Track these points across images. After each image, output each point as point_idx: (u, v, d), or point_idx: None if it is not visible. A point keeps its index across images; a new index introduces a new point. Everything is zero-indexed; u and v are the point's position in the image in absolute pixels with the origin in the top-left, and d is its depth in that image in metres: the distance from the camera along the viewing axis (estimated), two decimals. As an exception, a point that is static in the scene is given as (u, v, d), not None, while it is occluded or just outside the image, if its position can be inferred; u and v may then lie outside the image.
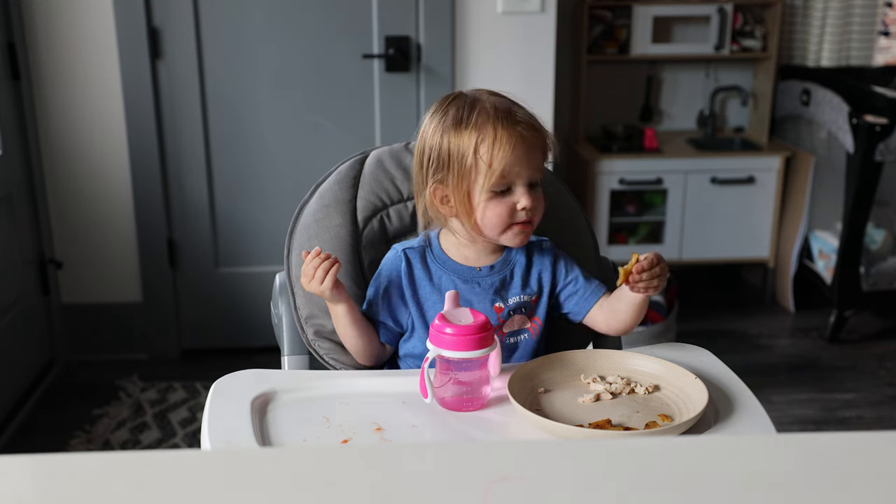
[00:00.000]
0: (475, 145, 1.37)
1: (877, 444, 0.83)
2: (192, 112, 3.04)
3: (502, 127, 1.37)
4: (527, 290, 1.48)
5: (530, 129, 1.39)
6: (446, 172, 1.40)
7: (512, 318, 1.47)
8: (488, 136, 1.37)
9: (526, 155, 1.38)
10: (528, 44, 3.04)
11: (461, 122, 1.39)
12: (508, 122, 1.37)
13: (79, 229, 3.11)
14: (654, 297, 3.25)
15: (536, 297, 1.48)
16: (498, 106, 1.39)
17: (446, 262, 1.47)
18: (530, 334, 1.48)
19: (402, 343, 1.51)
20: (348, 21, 3.00)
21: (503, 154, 1.36)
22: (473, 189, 1.39)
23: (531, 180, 1.40)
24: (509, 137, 1.36)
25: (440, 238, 1.50)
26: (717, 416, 1.27)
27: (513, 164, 1.37)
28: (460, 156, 1.38)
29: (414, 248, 1.48)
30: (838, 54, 3.71)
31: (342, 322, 1.46)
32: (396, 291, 1.47)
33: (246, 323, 3.24)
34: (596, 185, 3.60)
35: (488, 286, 1.46)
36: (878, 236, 3.51)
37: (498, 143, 1.36)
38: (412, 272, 1.47)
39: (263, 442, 1.22)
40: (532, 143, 1.39)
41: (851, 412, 2.93)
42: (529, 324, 1.48)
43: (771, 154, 3.68)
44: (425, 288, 1.46)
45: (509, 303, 1.47)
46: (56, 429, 2.77)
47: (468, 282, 1.46)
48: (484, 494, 0.73)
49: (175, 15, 2.94)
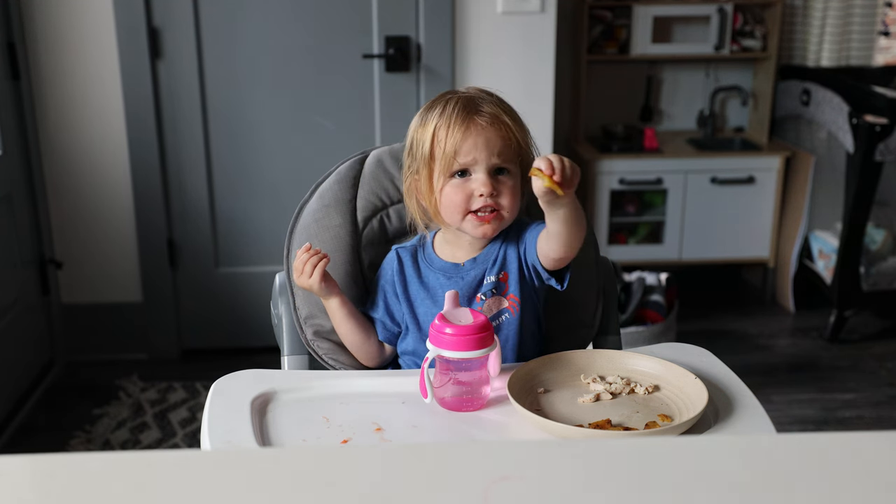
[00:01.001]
0: (433, 132, 1.42)
1: (877, 444, 0.83)
2: (192, 112, 3.04)
3: (458, 114, 1.41)
4: (493, 270, 1.47)
5: (492, 119, 1.41)
6: (414, 162, 1.46)
7: (489, 300, 1.47)
8: (444, 123, 1.41)
9: (482, 140, 1.40)
10: (528, 44, 3.04)
11: (428, 112, 1.44)
12: (467, 110, 1.41)
13: (79, 229, 3.11)
14: (654, 297, 3.26)
15: (506, 275, 1.48)
16: (464, 97, 1.44)
17: (434, 261, 1.50)
18: (510, 313, 1.47)
19: (399, 342, 1.53)
20: (348, 21, 3.00)
21: (455, 138, 1.40)
22: (433, 176, 1.43)
23: (491, 167, 1.41)
24: (463, 122, 1.40)
25: (435, 238, 1.52)
26: (717, 416, 1.27)
27: (468, 149, 1.40)
28: (422, 144, 1.43)
29: (406, 248, 1.53)
30: (838, 54, 3.71)
31: (337, 316, 1.50)
32: (391, 290, 1.51)
33: (246, 323, 3.24)
34: (596, 185, 3.60)
35: (471, 279, 1.47)
36: (878, 236, 3.51)
37: (451, 128, 1.40)
38: (403, 271, 1.51)
39: (263, 442, 1.22)
40: (492, 132, 1.41)
41: (851, 412, 2.93)
42: (506, 303, 1.48)
43: (771, 154, 3.68)
44: (414, 286, 1.50)
45: (482, 288, 1.47)
46: (56, 429, 2.77)
47: (451, 278, 1.48)
48: (484, 494, 0.73)
49: (175, 15, 2.95)
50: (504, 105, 1.46)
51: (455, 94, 1.46)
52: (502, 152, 1.42)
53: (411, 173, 1.47)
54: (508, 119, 1.43)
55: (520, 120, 1.46)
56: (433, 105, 1.45)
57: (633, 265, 3.62)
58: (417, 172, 1.46)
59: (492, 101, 1.44)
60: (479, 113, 1.41)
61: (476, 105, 1.42)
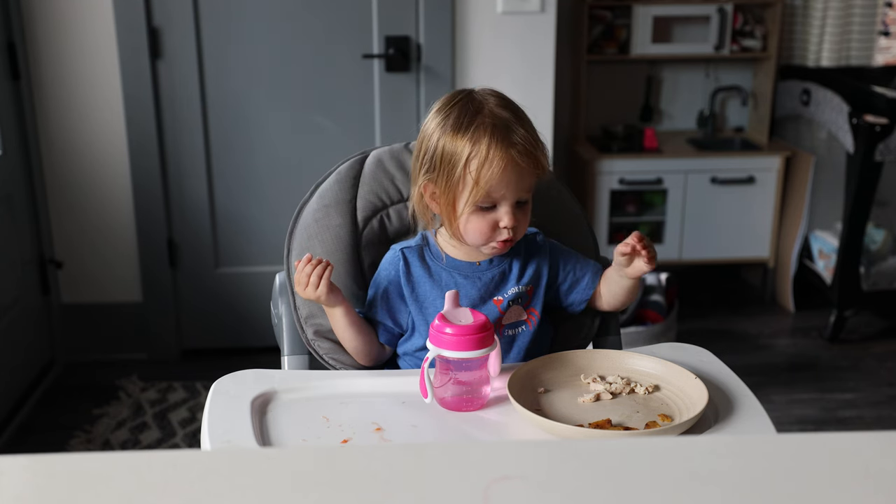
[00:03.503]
0: (466, 159, 1.36)
1: (877, 444, 0.83)
2: (192, 112, 3.04)
3: (496, 147, 1.35)
4: (522, 281, 1.48)
5: (525, 153, 1.37)
6: (436, 174, 1.40)
7: (510, 309, 1.47)
8: (480, 153, 1.36)
9: (516, 178, 1.37)
10: (528, 44, 3.04)
11: (458, 129, 1.38)
12: (504, 143, 1.36)
13: (79, 229, 3.11)
14: (654, 297, 3.26)
15: (532, 289, 1.49)
16: (497, 122, 1.37)
17: (445, 259, 1.48)
18: (528, 326, 1.49)
19: (402, 343, 1.52)
20: (348, 21, 3.00)
21: (491, 175, 1.36)
22: (459, 200, 1.39)
23: (517, 200, 1.40)
24: (500, 160, 1.35)
25: (437, 236, 1.50)
26: (717, 416, 1.27)
27: (500, 186, 1.37)
28: (451, 165, 1.38)
29: (412, 248, 1.49)
30: (838, 54, 3.71)
31: (340, 324, 1.46)
32: (395, 292, 1.48)
33: (246, 323, 3.24)
34: (596, 185, 3.60)
35: (488, 280, 1.47)
36: (878, 236, 3.51)
37: (488, 164, 1.35)
38: (410, 271, 1.47)
39: (263, 442, 1.22)
40: (524, 168, 1.37)
41: (851, 412, 2.93)
42: (526, 315, 1.49)
43: (771, 154, 3.68)
44: (425, 286, 1.47)
45: (508, 294, 1.47)
46: (56, 429, 2.77)
47: (468, 277, 1.46)
48: (484, 494, 0.73)
49: (175, 15, 2.95)
50: (529, 124, 1.41)
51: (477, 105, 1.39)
52: (530, 186, 1.41)
53: (427, 178, 1.42)
54: (539, 147, 1.40)
55: (538, 136, 1.42)
56: (461, 119, 1.38)
57: (633, 265, 3.62)
58: (435, 182, 1.41)
59: (519, 122, 1.39)
60: (513, 145, 1.36)
61: (510, 134, 1.37)
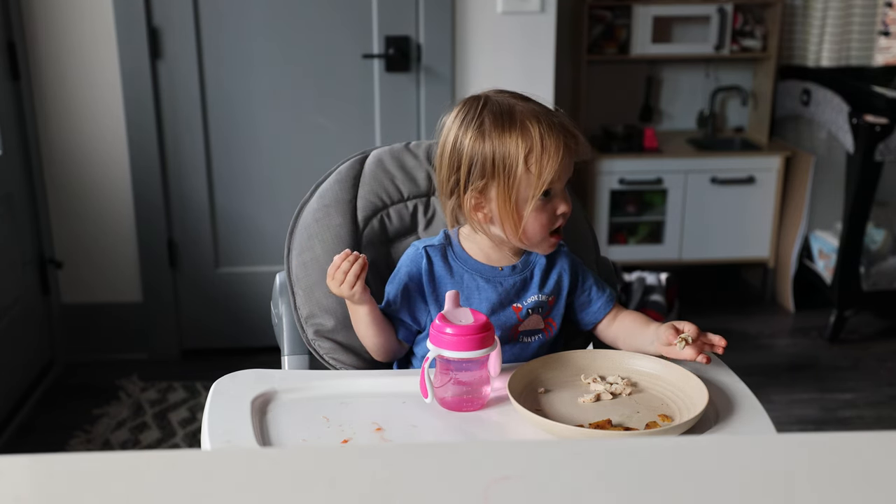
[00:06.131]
0: (525, 154, 1.36)
1: (877, 444, 0.83)
2: (192, 112, 3.04)
3: (547, 135, 1.36)
4: (544, 290, 1.47)
5: (570, 134, 1.39)
6: (490, 180, 1.39)
7: (529, 317, 1.47)
8: (536, 146, 1.36)
9: (568, 160, 1.39)
10: (528, 44, 3.04)
11: (503, 130, 1.37)
12: (551, 129, 1.37)
13: (79, 229, 3.11)
14: (654, 297, 3.26)
15: (553, 299, 1.48)
16: (535, 113, 1.38)
17: (468, 261, 1.46)
18: (544, 335, 1.48)
19: (418, 342, 1.50)
20: (348, 21, 3.00)
21: (552, 165, 1.36)
22: (521, 199, 1.38)
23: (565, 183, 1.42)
24: (555, 146, 1.36)
25: (460, 237, 1.49)
26: (717, 416, 1.27)
27: (560, 172, 1.38)
28: (508, 165, 1.37)
29: (435, 247, 1.47)
30: (838, 54, 3.70)
31: (363, 322, 1.44)
32: (416, 289, 1.46)
33: (246, 323, 3.24)
34: (596, 185, 3.60)
35: (510, 286, 1.46)
36: (878, 236, 3.51)
37: (546, 154, 1.36)
38: (433, 270, 1.45)
39: (263, 442, 1.22)
40: (572, 148, 1.39)
41: (851, 412, 2.93)
42: (544, 324, 1.48)
43: (771, 154, 3.68)
44: (446, 286, 1.44)
45: (528, 302, 1.46)
46: (56, 429, 2.77)
47: (490, 281, 1.45)
48: (484, 494, 0.73)
49: (175, 15, 2.95)
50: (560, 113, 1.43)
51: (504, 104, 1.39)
52: (573, 167, 1.42)
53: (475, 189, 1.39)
54: (573, 126, 1.41)
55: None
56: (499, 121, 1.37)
57: (634, 265, 3.62)
58: (484, 190, 1.39)
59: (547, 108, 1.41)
60: (560, 127, 1.38)
61: (551, 118, 1.38)
